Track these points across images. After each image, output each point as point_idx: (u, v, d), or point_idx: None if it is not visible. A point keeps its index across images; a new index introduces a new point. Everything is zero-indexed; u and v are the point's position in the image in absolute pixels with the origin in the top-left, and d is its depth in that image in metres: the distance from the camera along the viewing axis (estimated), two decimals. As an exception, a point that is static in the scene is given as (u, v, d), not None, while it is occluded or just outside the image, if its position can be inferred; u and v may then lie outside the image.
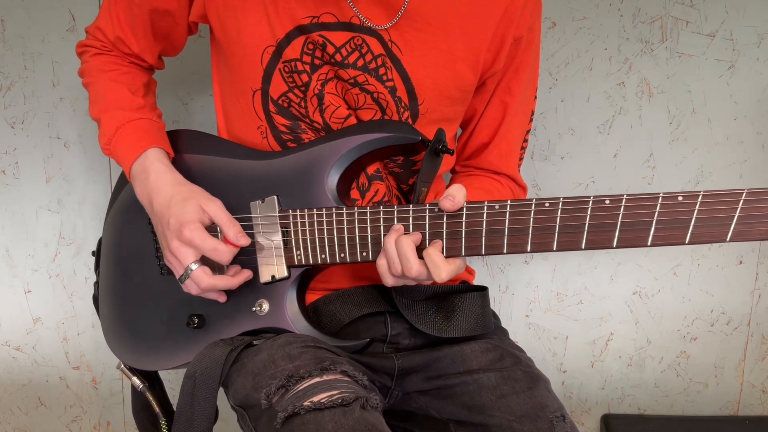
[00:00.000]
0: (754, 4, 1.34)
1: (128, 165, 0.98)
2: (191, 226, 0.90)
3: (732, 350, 1.52)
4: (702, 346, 1.52)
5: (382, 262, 0.89)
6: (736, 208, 0.77)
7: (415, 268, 0.86)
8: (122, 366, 1.07)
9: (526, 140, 1.11)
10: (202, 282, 0.91)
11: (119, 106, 1.01)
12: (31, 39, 1.43)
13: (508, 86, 1.04)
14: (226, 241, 0.91)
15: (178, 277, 0.93)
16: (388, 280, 0.89)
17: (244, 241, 0.92)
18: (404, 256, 0.86)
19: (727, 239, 0.77)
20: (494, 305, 1.51)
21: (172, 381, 1.55)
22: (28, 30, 1.42)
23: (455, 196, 0.85)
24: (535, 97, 1.10)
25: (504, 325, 1.11)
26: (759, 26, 1.35)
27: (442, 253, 0.87)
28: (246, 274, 0.95)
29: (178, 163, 1.02)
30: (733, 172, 1.43)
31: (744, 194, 0.76)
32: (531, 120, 1.11)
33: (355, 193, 0.99)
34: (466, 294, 1.01)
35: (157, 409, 1.07)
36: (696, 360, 1.53)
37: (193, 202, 0.92)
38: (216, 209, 0.92)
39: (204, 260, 0.92)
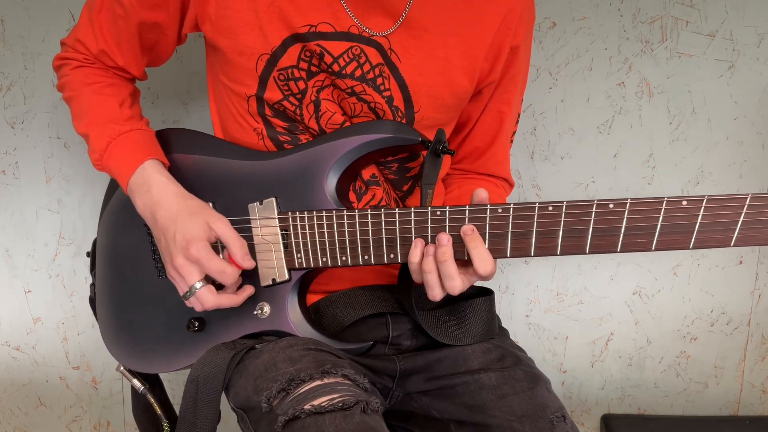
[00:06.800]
0: (754, 4, 1.34)
1: (125, 179, 0.96)
2: (198, 244, 0.88)
3: (732, 350, 1.52)
4: (702, 346, 1.52)
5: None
6: (740, 213, 0.76)
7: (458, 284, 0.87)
8: (122, 368, 1.06)
9: (512, 141, 1.13)
10: (207, 302, 0.90)
11: (108, 120, 0.98)
12: (31, 39, 1.43)
13: (506, 96, 1.05)
14: (230, 260, 0.90)
15: (181, 294, 0.92)
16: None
17: (249, 264, 0.91)
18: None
19: (731, 244, 0.77)
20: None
21: (173, 381, 1.56)
22: (28, 30, 1.42)
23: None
24: (522, 100, 1.12)
25: (504, 325, 1.11)
26: (759, 26, 1.35)
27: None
28: (249, 291, 0.94)
29: (173, 164, 1.01)
30: (733, 172, 1.43)
31: (748, 199, 0.76)
32: (517, 122, 1.12)
33: (351, 196, 0.99)
34: (475, 300, 1.01)
35: (159, 411, 1.06)
36: (696, 360, 1.53)
37: (201, 218, 0.90)
38: (223, 227, 0.90)
39: (207, 277, 0.91)
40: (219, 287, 0.93)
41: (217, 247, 0.95)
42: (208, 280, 0.91)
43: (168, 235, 0.90)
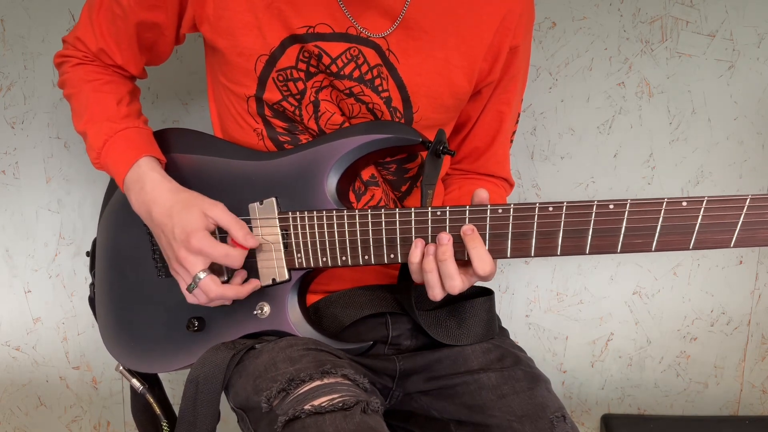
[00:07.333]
0: (754, 4, 1.34)
1: (121, 177, 0.96)
2: (198, 235, 0.88)
3: (732, 350, 1.52)
4: (702, 346, 1.52)
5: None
6: (740, 214, 0.76)
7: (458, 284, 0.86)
8: (121, 368, 1.06)
9: (512, 140, 1.13)
10: (211, 291, 0.89)
11: (105, 118, 0.98)
12: (31, 39, 1.43)
13: (506, 96, 1.05)
14: (234, 243, 0.90)
15: (185, 287, 0.91)
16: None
17: (253, 242, 0.91)
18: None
19: (731, 245, 0.77)
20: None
21: (172, 381, 1.56)
22: (28, 30, 1.42)
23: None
24: (522, 100, 1.12)
25: (504, 325, 1.11)
26: (759, 26, 1.35)
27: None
28: (254, 284, 0.93)
29: (173, 164, 1.01)
30: (733, 172, 1.42)
31: (748, 200, 0.76)
32: (517, 122, 1.12)
33: (350, 196, 0.99)
34: (475, 300, 1.01)
35: (158, 410, 1.06)
36: (696, 360, 1.53)
37: (196, 209, 0.90)
38: (219, 212, 0.90)
39: (210, 269, 0.90)
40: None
41: (216, 235, 0.94)
42: (213, 271, 0.91)
43: (167, 231, 0.90)
